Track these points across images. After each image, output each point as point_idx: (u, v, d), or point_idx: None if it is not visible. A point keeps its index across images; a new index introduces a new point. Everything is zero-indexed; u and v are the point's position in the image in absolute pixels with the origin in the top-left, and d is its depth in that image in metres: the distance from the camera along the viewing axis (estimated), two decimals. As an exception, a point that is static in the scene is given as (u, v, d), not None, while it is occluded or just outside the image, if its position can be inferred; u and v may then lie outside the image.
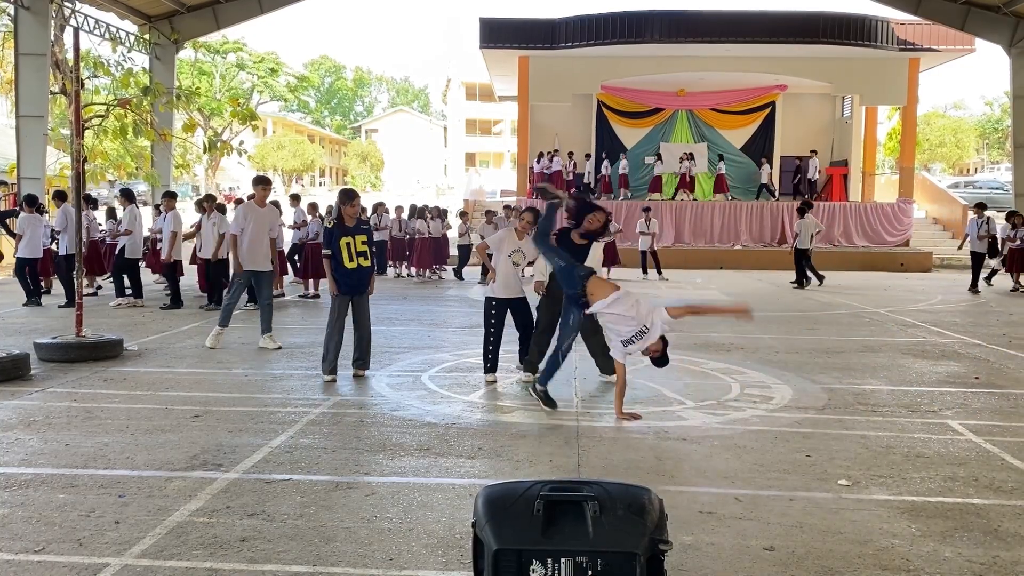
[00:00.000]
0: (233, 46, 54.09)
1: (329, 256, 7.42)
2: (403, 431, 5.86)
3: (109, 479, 4.75)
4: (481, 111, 64.59)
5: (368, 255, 7.51)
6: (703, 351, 9.18)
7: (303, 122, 76.44)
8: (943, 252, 24.53)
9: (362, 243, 7.44)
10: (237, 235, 9.01)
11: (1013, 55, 22.33)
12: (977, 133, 61.53)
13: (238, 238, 9.00)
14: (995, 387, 7.62)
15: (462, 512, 4.24)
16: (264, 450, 5.33)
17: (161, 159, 20.70)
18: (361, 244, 7.43)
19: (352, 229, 7.43)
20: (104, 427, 5.84)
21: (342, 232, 7.38)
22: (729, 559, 3.79)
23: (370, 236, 7.61)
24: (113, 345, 8.53)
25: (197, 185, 50.06)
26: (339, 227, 7.41)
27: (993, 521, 4.30)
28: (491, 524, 2.85)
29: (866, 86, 24.92)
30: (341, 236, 7.36)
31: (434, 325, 11.15)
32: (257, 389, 7.16)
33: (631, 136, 27.39)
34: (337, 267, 7.41)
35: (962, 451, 5.55)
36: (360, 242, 7.42)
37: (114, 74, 9.85)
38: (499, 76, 28.24)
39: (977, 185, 38.83)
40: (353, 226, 7.46)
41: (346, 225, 7.43)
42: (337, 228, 7.42)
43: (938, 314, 13.13)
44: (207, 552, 3.77)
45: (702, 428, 6.05)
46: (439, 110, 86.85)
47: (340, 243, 7.34)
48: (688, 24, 23.46)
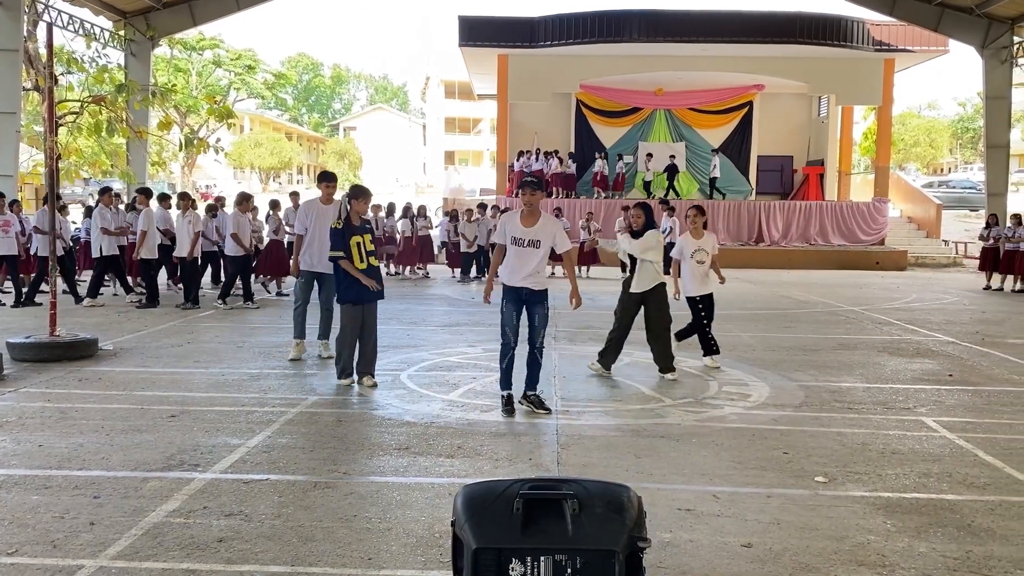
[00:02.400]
0: (210, 43, 53.61)
1: (342, 258, 6.94)
2: (382, 430, 5.84)
3: (84, 480, 4.70)
4: (460, 109, 64.44)
5: (375, 255, 7.16)
6: (681, 349, 9.21)
7: (280, 119, 75.95)
8: (918, 251, 24.83)
9: (370, 242, 7.07)
10: (302, 235, 8.21)
11: (986, 56, 22.62)
12: (950, 133, 62.22)
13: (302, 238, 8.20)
14: (968, 384, 7.72)
15: (441, 511, 4.24)
16: (241, 450, 5.29)
17: (137, 156, 20.47)
18: (370, 243, 7.06)
19: (360, 228, 7.01)
20: (79, 427, 5.77)
21: (351, 231, 6.93)
22: (707, 556, 3.82)
23: (373, 235, 7.23)
24: (88, 344, 8.44)
25: (173, 183, 49.58)
26: (348, 226, 6.95)
27: (966, 516, 4.36)
28: (470, 523, 2.85)
29: (842, 86, 25.15)
30: (352, 235, 6.90)
31: (413, 324, 11.13)
32: (234, 388, 7.11)
33: (610, 135, 27.45)
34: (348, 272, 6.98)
35: (936, 448, 5.62)
36: (368, 241, 7.04)
37: (88, 70, 9.72)
38: (478, 74, 28.21)
39: (951, 185, 39.36)
40: (359, 225, 7.04)
41: (353, 224, 6.98)
42: (347, 227, 6.94)
43: (913, 312, 13.28)
44: (184, 553, 3.74)
45: (680, 426, 6.08)
46: (418, 108, 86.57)
47: (351, 242, 6.90)
48: (666, 24, 23.55)
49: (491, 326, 10.97)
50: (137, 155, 20.36)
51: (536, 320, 6.31)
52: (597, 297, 14.88)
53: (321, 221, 8.04)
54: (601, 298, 14.71)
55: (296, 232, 8.41)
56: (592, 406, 6.54)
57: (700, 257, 8.24)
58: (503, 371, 6.39)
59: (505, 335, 6.33)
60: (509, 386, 6.39)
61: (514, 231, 6.28)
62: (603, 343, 7.90)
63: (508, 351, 6.35)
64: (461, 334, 10.28)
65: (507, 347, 6.34)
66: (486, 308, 12.91)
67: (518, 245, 6.25)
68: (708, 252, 8.25)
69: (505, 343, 6.34)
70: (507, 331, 6.32)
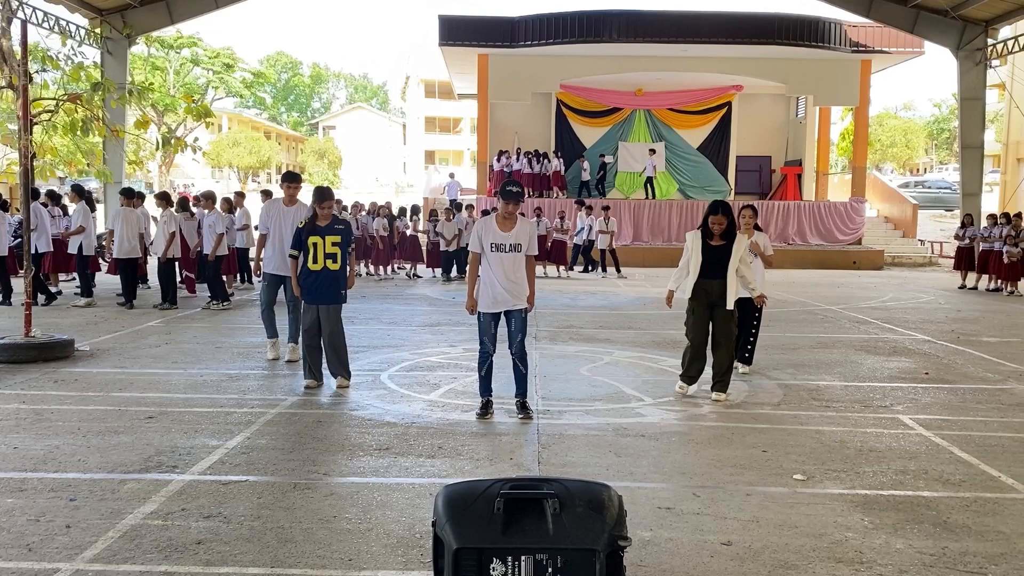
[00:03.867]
0: (187, 41, 53.14)
1: (295, 257, 7.00)
2: (362, 431, 5.82)
3: (60, 482, 4.65)
4: (440, 109, 64.25)
5: (338, 258, 6.95)
6: (660, 348, 9.26)
7: (259, 118, 75.43)
8: (894, 250, 25.08)
9: (332, 244, 6.92)
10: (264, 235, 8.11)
11: (960, 58, 22.87)
12: (926, 134, 62.86)
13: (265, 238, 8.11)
14: (944, 382, 7.81)
15: (422, 512, 4.23)
16: (220, 451, 5.25)
17: (113, 156, 20.27)
18: (331, 245, 6.91)
19: (324, 229, 6.92)
20: (54, 429, 5.71)
21: (311, 231, 6.92)
22: (687, 554, 3.83)
23: (346, 237, 7.05)
24: (64, 346, 8.34)
25: (151, 182, 49.13)
26: (310, 225, 6.96)
27: (942, 513, 4.41)
28: (451, 523, 2.85)
29: (819, 87, 25.34)
30: (310, 234, 6.90)
31: (393, 324, 11.09)
32: (213, 389, 7.05)
33: (590, 135, 27.52)
34: (302, 269, 6.98)
35: (912, 445, 5.68)
36: (331, 243, 6.90)
37: (64, 68, 9.59)
38: (458, 74, 28.18)
39: (927, 185, 39.79)
40: (325, 226, 6.95)
41: (317, 224, 6.94)
42: (307, 226, 6.96)
43: (890, 311, 13.41)
44: (162, 555, 3.71)
45: (660, 424, 6.10)
46: (398, 107, 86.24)
47: (308, 242, 6.88)
48: (646, 24, 23.62)
49: (472, 326, 10.87)
50: (114, 154, 20.16)
51: (514, 325, 6.16)
52: (578, 297, 14.93)
53: (281, 222, 7.98)
54: (581, 298, 14.75)
55: (259, 232, 8.31)
56: (573, 406, 6.55)
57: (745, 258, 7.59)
58: (481, 379, 6.28)
59: (483, 343, 6.22)
60: (488, 393, 6.29)
61: (492, 237, 6.09)
62: (582, 343, 7.81)
63: (486, 358, 6.23)
64: (442, 334, 10.26)
65: (485, 355, 6.22)
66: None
67: (499, 251, 6.06)
68: (755, 255, 7.76)
69: (483, 351, 6.23)
70: (485, 340, 6.21)
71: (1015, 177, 26.79)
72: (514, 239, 6.10)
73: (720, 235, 6.79)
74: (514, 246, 6.10)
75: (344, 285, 7.08)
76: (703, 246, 6.83)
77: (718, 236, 6.80)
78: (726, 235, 6.80)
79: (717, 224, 6.75)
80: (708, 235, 6.83)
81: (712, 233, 6.80)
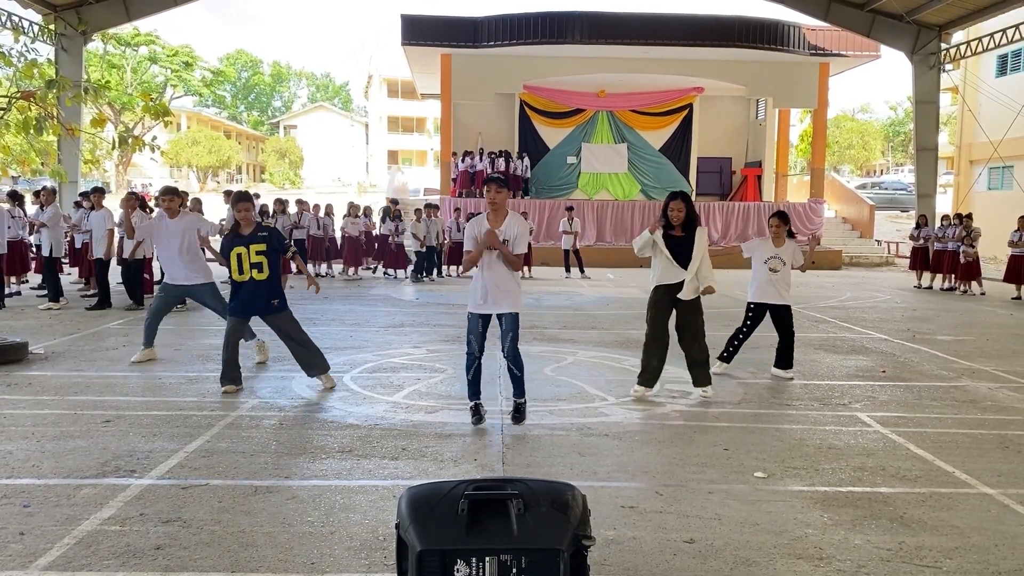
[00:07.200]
0: (145, 38, 52.39)
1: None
2: (324, 433, 5.77)
3: (13, 488, 4.54)
4: (403, 108, 64.01)
5: (264, 267, 6.74)
6: (623, 348, 9.31)
7: (219, 117, 74.53)
8: (852, 250, 25.50)
9: (257, 253, 6.71)
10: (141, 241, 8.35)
11: (915, 61, 23.36)
12: (882, 136, 64.02)
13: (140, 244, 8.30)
14: (900, 380, 7.96)
15: (385, 514, 4.21)
16: (180, 455, 5.17)
17: (69, 154, 19.90)
18: (256, 255, 6.71)
19: (247, 238, 6.73)
20: (7, 434, 5.57)
21: (233, 242, 6.74)
22: (650, 552, 3.86)
23: (272, 242, 6.83)
24: (17, 348, 8.14)
25: (107, 181, 48.26)
26: (232, 235, 6.79)
27: (899, 509, 4.49)
28: (415, 525, 2.84)
29: (779, 89, 25.71)
30: (234, 246, 6.71)
31: (356, 325, 11.02)
32: (172, 392, 6.95)
33: (553, 136, 27.60)
34: (229, 280, 6.86)
35: (870, 442, 5.78)
36: (255, 252, 6.70)
37: (16, 65, 9.37)
38: (421, 73, 28.09)
39: (883, 186, 40.53)
40: (249, 234, 6.75)
41: (240, 233, 6.76)
42: (230, 236, 6.80)
43: (847, 310, 13.64)
44: (119, 561, 3.64)
45: (623, 424, 6.14)
46: (361, 106, 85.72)
47: (232, 254, 6.72)
48: (608, 26, 23.78)
49: (436, 327, 10.94)
50: (69, 153, 19.80)
51: (504, 323, 5.99)
52: (542, 297, 14.96)
53: (161, 236, 8.10)
54: (545, 298, 14.78)
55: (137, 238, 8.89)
56: (537, 406, 6.55)
57: (774, 265, 7.83)
58: (469, 382, 6.06)
59: (470, 344, 5.98)
60: (477, 396, 6.08)
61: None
62: (546, 343, 7.87)
63: (473, 361, 5.99)
64: (405, 335, 10.22)
65: (472, 357, 5.99)
66: (430, 309, 12.88)
67: (491, 251, 5.83)
68: (784, 262, 7.84)
69: (470, 352, 6.00)
70: (472, 340, 5.97)
71: (968, 179, 27.40)
72: (503, 235, 5.85)
73: (680, 226, 6.78)
74: (504, 241, 5.85)
75: (277, 293, 6.91)
76: (664, 237, 6.82)
77: (679, 227, 6.79)
78: (686, 227, 6.79)
79: (676, 211, 6.73)
80: (669, 227, 6.82)
81: (672, 224, 6.79)
